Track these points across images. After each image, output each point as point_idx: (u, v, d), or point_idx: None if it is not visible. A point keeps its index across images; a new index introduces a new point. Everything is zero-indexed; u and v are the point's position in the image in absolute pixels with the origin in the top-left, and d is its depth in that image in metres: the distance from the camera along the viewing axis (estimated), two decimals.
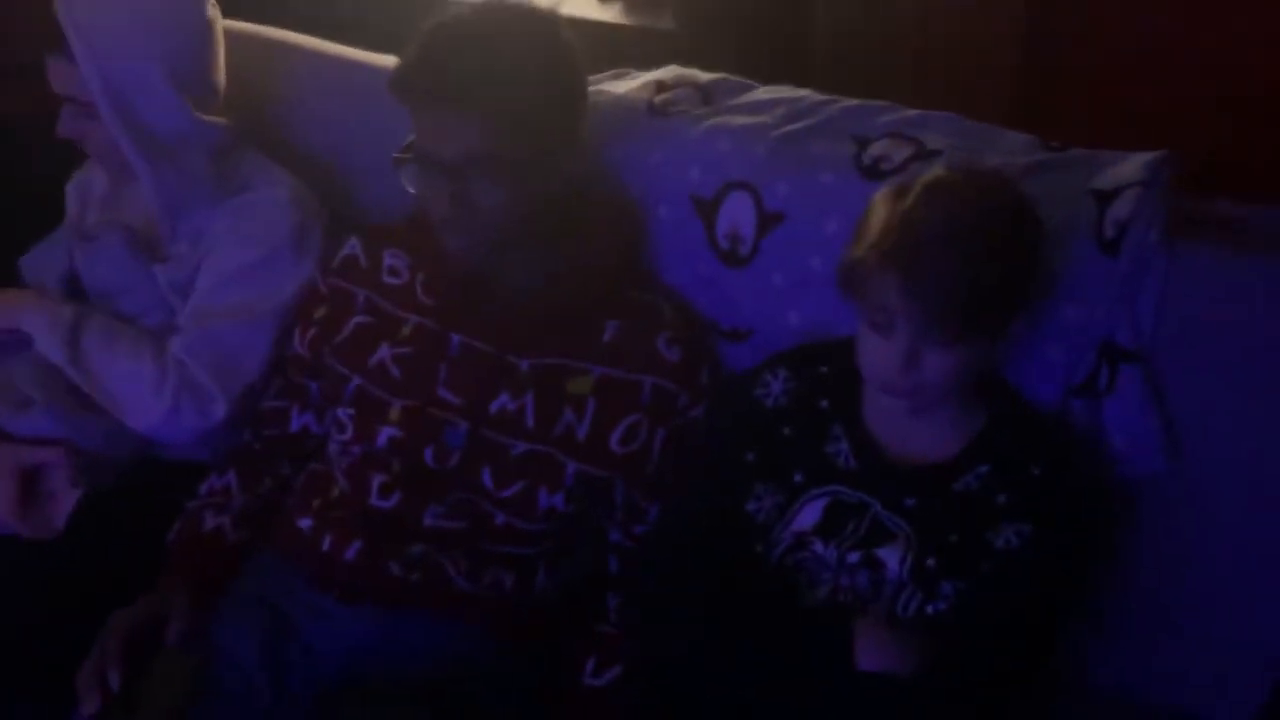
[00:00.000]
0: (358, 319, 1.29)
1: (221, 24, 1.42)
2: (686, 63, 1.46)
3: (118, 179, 1.45)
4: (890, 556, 1.11)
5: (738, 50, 1.92)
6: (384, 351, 1.25)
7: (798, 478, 1.17)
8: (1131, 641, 1.20)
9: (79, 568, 1.26)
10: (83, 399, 1.32)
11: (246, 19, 1.57)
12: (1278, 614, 1.11)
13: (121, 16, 1.32)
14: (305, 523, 1.23)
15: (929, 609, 1.09)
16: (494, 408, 1.21)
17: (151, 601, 1.18)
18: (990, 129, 1.31)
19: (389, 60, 1.54)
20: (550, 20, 1.19)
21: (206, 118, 1.36)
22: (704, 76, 1.42)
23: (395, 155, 1.16)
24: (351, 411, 1.25)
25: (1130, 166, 1.19)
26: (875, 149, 1.26)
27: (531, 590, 1.24)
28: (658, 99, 1.37)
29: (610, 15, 2.21)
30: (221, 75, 1.41)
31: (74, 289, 1.45)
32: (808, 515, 1.16)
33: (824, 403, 1.19)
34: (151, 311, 1.39)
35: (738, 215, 1.27)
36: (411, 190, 1.17)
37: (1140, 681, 1.20)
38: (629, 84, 1.42)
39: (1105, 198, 1.17)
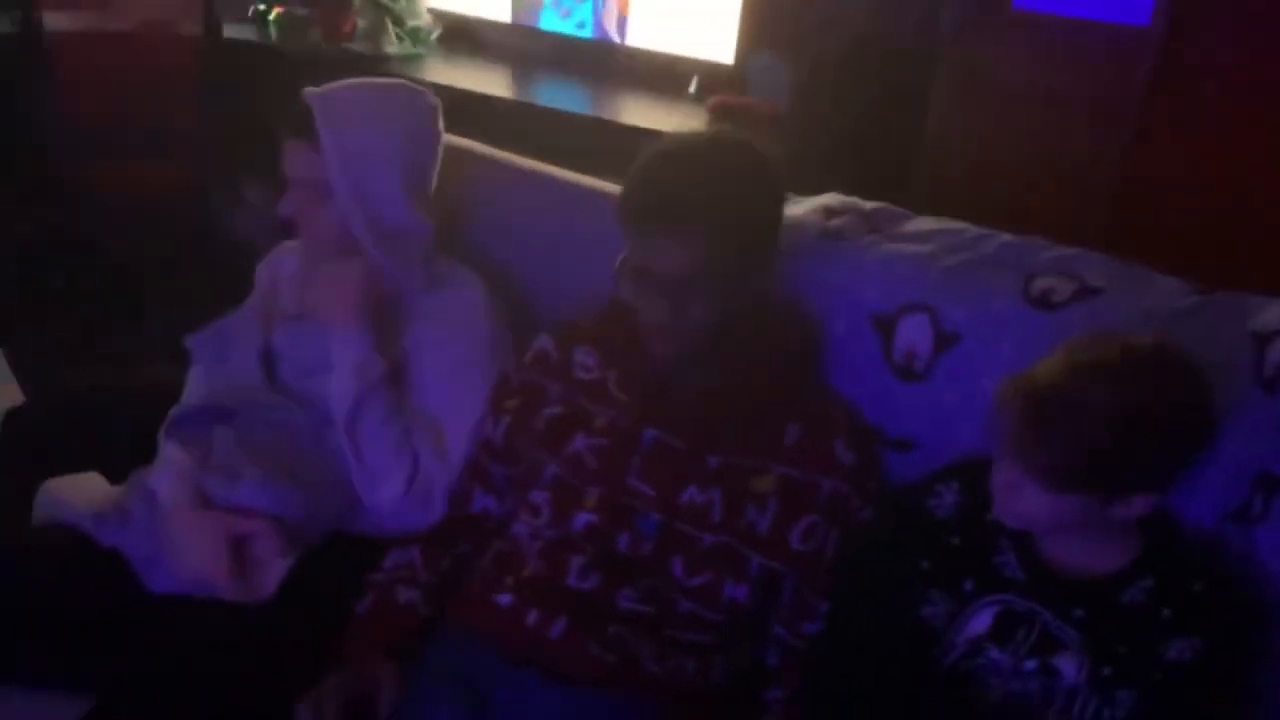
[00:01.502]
0: (551, 410, 1.38)
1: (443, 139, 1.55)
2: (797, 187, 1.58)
3: (315, 263, 1.56)
4: (1066, 665, 1.18)
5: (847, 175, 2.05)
6: (580, 441, 1.34)
7: (968, 586, 1.25)
8: None
9: (277, 633, 1.32)
10: (290, 473, 1.41)
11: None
12: None
13: (371, 119, 1.45)
14: (505, 599, 1.30)
15: (1105, 715, 1.16)
16: (684, 500, 1.30)
17: (357, 670, 1.25)
18: (1139, 270, 1.42)
19: (564, 173, 1.69)
20: (755, 149, 1.31)
21: (423, 217, 1.48)
22: (867, 205, 1.54)
23: (615, 268, 1.27)
24: (548, 495, 1.34)
25: None
26: (1041, 282, 1.36)
27: (709, 678, 1.30)
28: (830, 224, 1.49)
29: None
30: (434, 181, 1.53)
31: (264, 368, 1.53)
32: (979, 622, 1.23)
33: (990, 515, 1.27)
34: (344, 394, 1.47)
35: (915, 334, 1.37)
36: (630, 301, 1.28)
37: None
38: (796, 208, 1.54)
39: (1262, 339, 1.27)
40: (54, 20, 2.41)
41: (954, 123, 2.29)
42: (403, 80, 1.58)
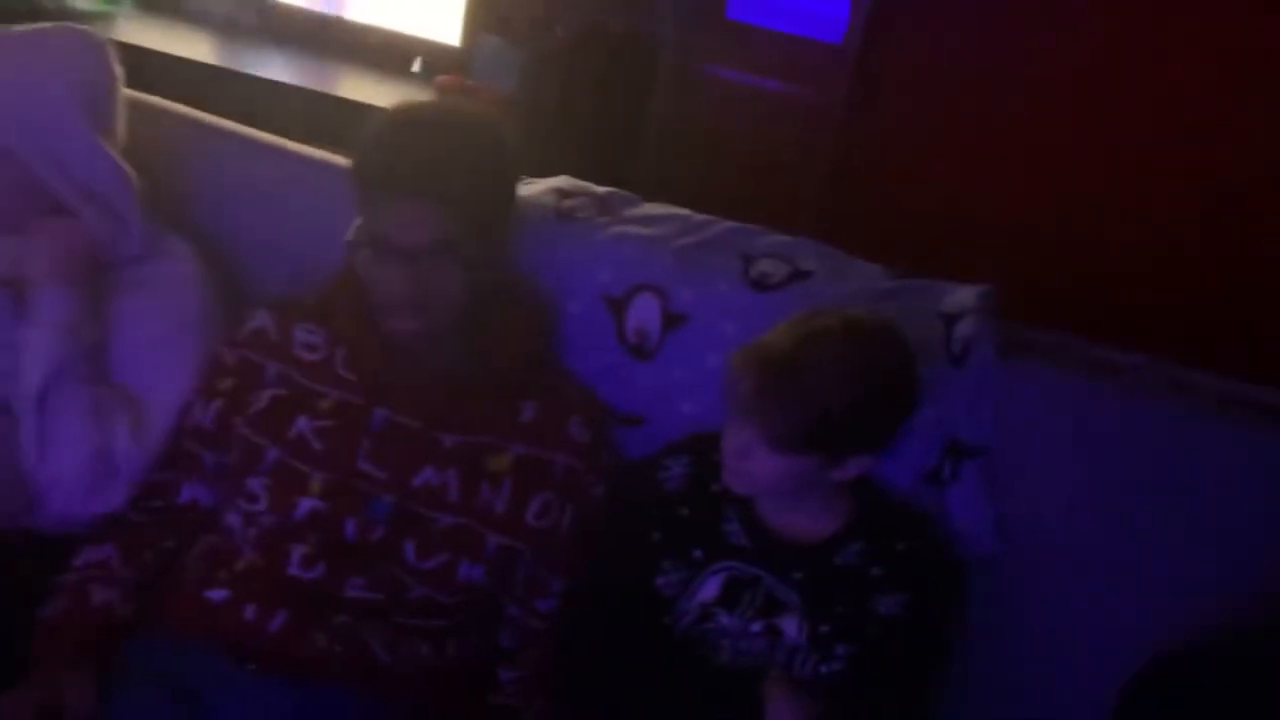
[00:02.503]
0: (270, 391, 1.30)
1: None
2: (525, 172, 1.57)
3: None
4: (789, 625, 1.25)
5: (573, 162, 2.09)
6: (303, 424, 1.27)
7: (697, 554, 1.29)
8: (968, 697, 1.38)
9: None
10: None
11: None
12: (1109, 671, 1.30)
13: (35, 63, 1.31)
14: (218, 594, 1.21)
15: (823, 669, 1.24)
16: (418, 482, 1.26)
17: (45, 682, 1.12)
18: (845, 256, 1.52)
19: (280, 140, 1.60)
20: (494, 120, 1.29)
21: (123, 164, 1.35)
22: (599, 189, 1.56)
23: (349, 239, 1.21)
24: (267, 482, 1.25)
25: (967, 294, 1.43)
26: (760, 266, 1.44)
27: (442, 661, 1.27)
28: (563, 204, 1.50)
29: None
30: (123, 131, 1.40)
31: None
32: (708, 589, 1.28)
33: (716, 486, 1.32)
34: (25, 371, 1.31)
35: (645, 314, 1.40)
36: (366, 274, 1.22)
37: None
38: (529, 188, 1.54)
39: (950, 319, 1.40)
40: None
41: (675, 117, 2.37)
42: (62, 22, 1.44)
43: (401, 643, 1.24)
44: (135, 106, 1.47)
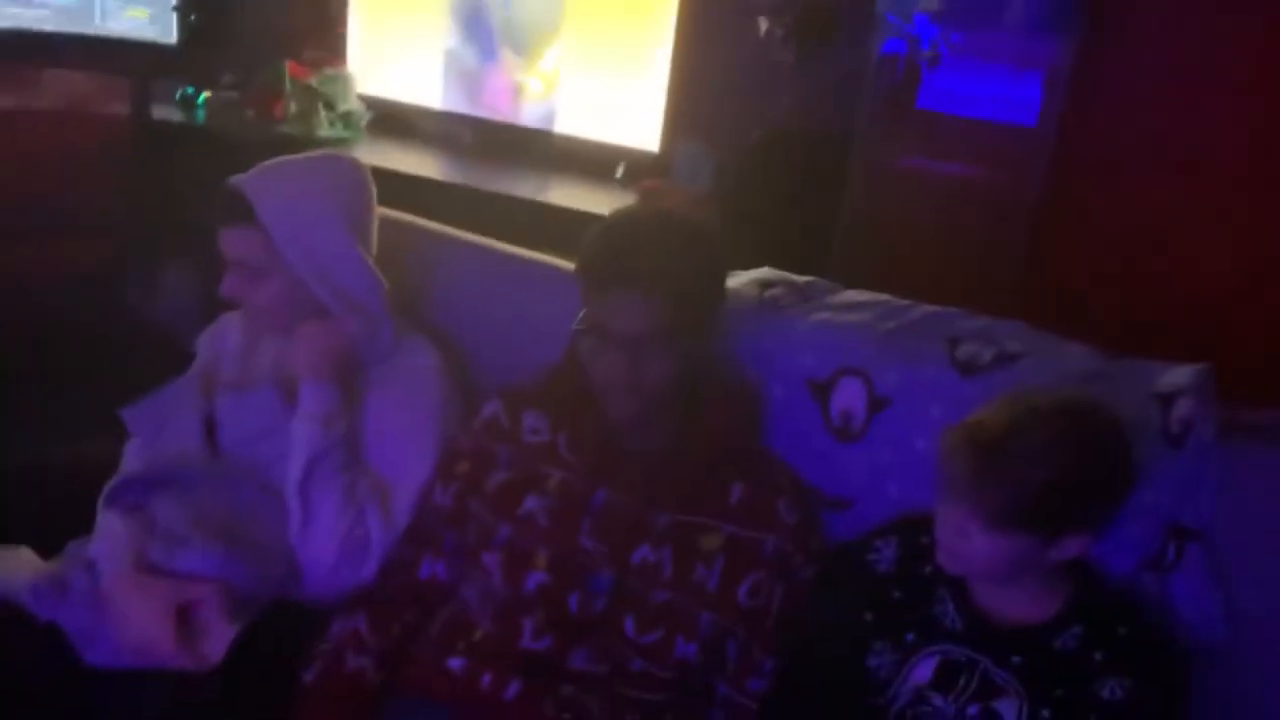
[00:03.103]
0: (501, 474, 1.41)
1: None
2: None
3: (257, 335, 1.57)
4: (1007, 709, 1.24)
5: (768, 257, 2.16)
6: (531, 503, 1.37)
7: (910, 637, 1.30)
8: None
9: (224, 705, 1.30)
10: (233, 539, 1.40)
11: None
12: None
13: (307, 186, 1.50)
14: (457, 663, 1.30)
15: None
16: (636, 558, 1.33)
17: None
18: (1053, 338, 1.52)
19: (507, 247, 1.75)
20: (703, 220, 1.41)
21: (376, 272, 1.52)
22: (799, 278, 1.63)
23: (575, 327, 1.32)
24: (499, 557, 1.35)
25: (1183, 373, 1.41)
26: (965, 349, 1.46)
27: None
28: (765, 294, 1.57)
29: None
30: (375, 243, 1.57)
31: (205, 435, 1.52)
32: (922, 671, 1.28)
33: (927, 569, 1.33)
34: (291, 458, 1.46)
35: (850, 398, 1.45)
36: (587, 360, 1.33)
37: None
38: (732, 280, 1.61)
39: (1165, 400, 1.37)
40: None
41: (867, 208, 2.42)
42: (325, 150, 1.63)
43: (621, 714, 1.29)
44: (380, 220, 1.65)
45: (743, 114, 2.51)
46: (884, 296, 1.59)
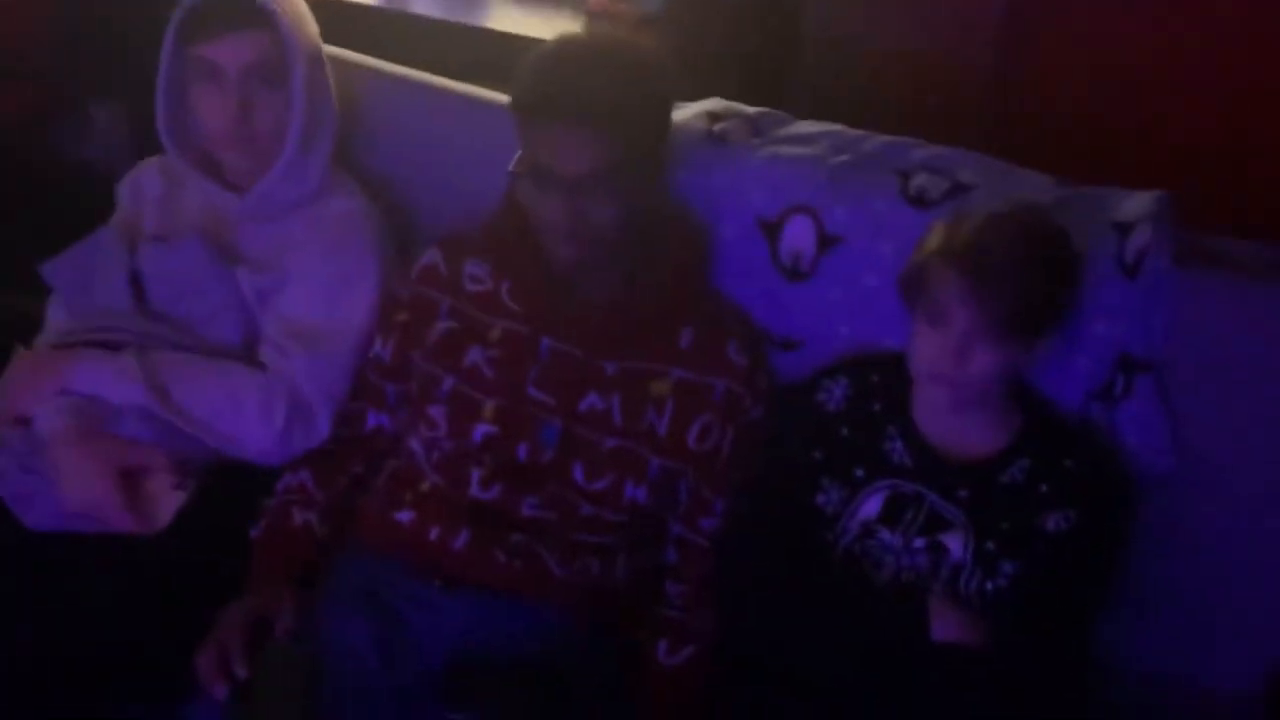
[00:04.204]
0: (444, 324, 1.37)
1: None
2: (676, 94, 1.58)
3: (180, 180, 1.49)
4: (953, 541, 1.25)
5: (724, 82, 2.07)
6: (475, 354, 1.34)
7: (858, 473, 1.30)
8: (1143, 620, 1.35)
9: (172, 565, 1.29)
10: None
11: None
12: (1272, 597, 1.28)
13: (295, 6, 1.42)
14: (405, 515, 1.30)
15: (988, 586, 1.24)
16: (584, 406, 1.31)
17: (258, 596, 1.24)
18: (1009, 167, 1.47)
19: (442, 80, 1.65)
20: (650, 50, 1.30)
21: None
22: (750, 109, 1.55)
23: (510, 170, 1.25)
24: (445, 409, 1.33)
25: (1141, 202, 1.37)
26: (917, 180, 1.41)
27: (613, 577, 1.33)
28: (714, 127, 1.50)
29: None
30: None
31: (133, 292, 1.45)
32: (870, 506, 1.29)
33: (876, 406, 1.33)
34: (221, 315, 1.42)
35: (799, 236, 1.40)
36: (529, 203, 1.26)
37: (1151, 655, 1.35)
38: (679, 113, 1.54)
39: (1124, 229, 1.34)
40: None
41: (827, 28, 2.31)
42: None
43: (574, 558, 1.30)
44: None
45: None
46: (837, 127, 1.52)
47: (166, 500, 1.30)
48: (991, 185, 1.40)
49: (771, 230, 1.42)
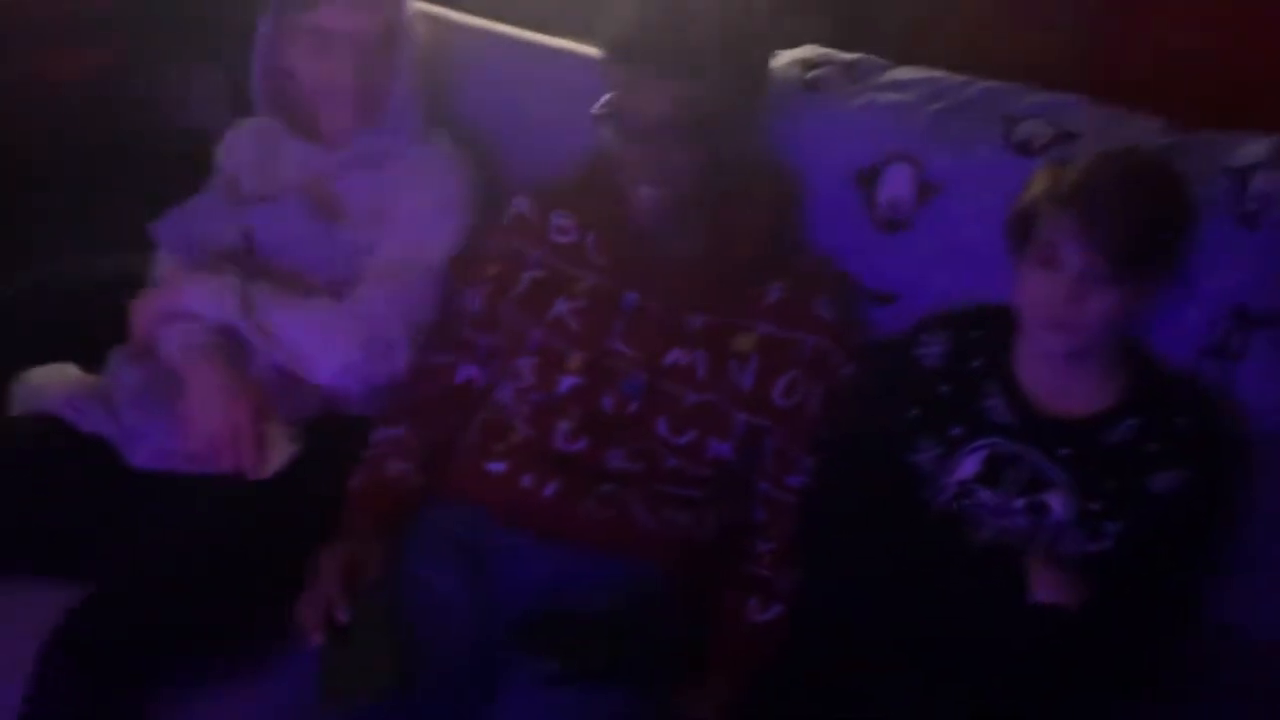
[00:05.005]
0: (531, 274, 1.37)
1: None
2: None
3: (275, 140, 1.51)
4: (1056, 501, 1.21)
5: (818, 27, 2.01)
6: (561, 305, 1.33)
7: (956, 431, 1.26)
8: (1245, 583, 1.29)
9: (271, 512, 1.32)
10: None
11: None
12: None
13: None
14: (496, 466, 1.30)
15: (1091, 547, 1.20)
16: (668, 361, 1.30)
17: (350, 544, 1.26)
18: (1116, 112, 1.41)
19: (529, 34, 1.64)
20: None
21: None
22: (846, 56, 1.51)
23: (595, 112, 1.24)
24: (533, 361, 1.33)
25: (1259, 147, 1.30)
26: (1022, 128, 1.35)
27: (701, 531, 1.32)
28: (808, 75, 1.46)
29: None
30: None
31: (239, 250, 1.49)
32: (968, 465, 1.25)
33: (976, 362, 1.28)
34: (323, 266, 1.45)
35: (898, 185, 1.36)
36: (613, 147, 1.25)
37: (1249, 620, 1.29)
38: (774, 61, 1.50)
39: (1241, 175, 1.27)
40: None
41: None
42: None
43: (662, 509, 1.29)
44: None
45: None
46: (937, 73, 1.47)
47: (279, 449, 1.33)
48: (1099, 131, 1.35)
49: (867, 179, 1.38)
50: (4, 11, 2.17)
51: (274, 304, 1.39)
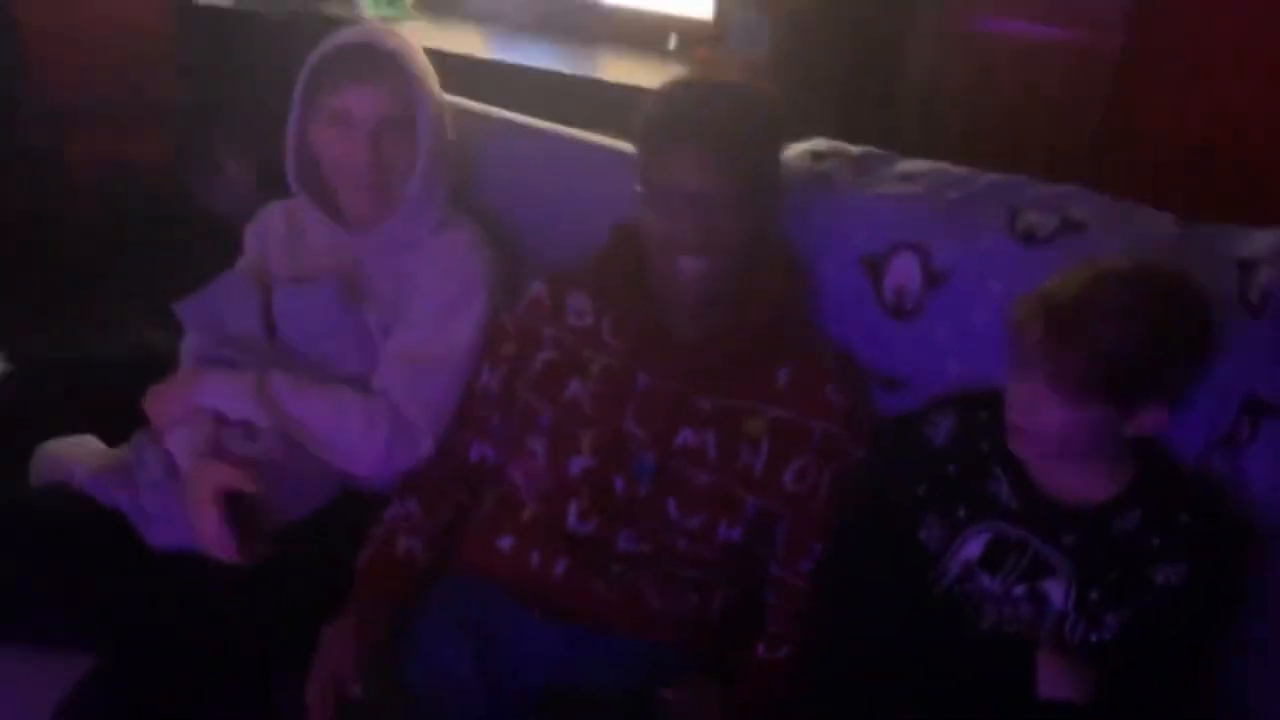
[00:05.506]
0: (545, 355, 1.39)
1: None
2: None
3: (303, 223, 1.56)
4: (1055, 590, 1.21)
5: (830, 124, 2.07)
6: (575, 387, 1.36)
7: (961, 512, 1.27)
8: (1259, 670, 1.27)
9: (274, 588, 1.33)
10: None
11: None
12: None
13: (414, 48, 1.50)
14: (506, 542, 1.32)
15: (1093, 638, 1.19)
16: (678, 441, 1.32)
17: (357, 619, 1.27)
18: (1124, 203, 1.43)
19: (555, 126, 1.69)
20: (767, 88, 1.35)
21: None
22: (854, 149, 1.55)
23: (637, 189, 1.31)
24: (546, 441, 1.35)
25: (1265, 239, 1.32)
26: (1026, 218, 1.38)
27: (710, 611, 1.32)
28: (818, 167, 1.50)
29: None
30: None
31: (264, 331, 1.51)
32: (972, 548, 1.26)
33: (984, 444, 1.29)
34: (350, 354, 1.47)
35: (905, 273, 1.39)
36: (656, 223, 1.30)
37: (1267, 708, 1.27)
38: (785, 152, 1.54)
39: (1249, 266, 1.29)
40: None
41: (934, 70, 2.30)
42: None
43: (672, 591, 1.30)
44: None
45: None
46: (942, 165, 1.51)
47: (261, 535, 1.34)
48: (1106, 223, 1.37)
49: (875, 267, 1.40)
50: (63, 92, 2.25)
51: (296, 396, 1.41)
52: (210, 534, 1.32)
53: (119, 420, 1.50)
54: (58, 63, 2.39)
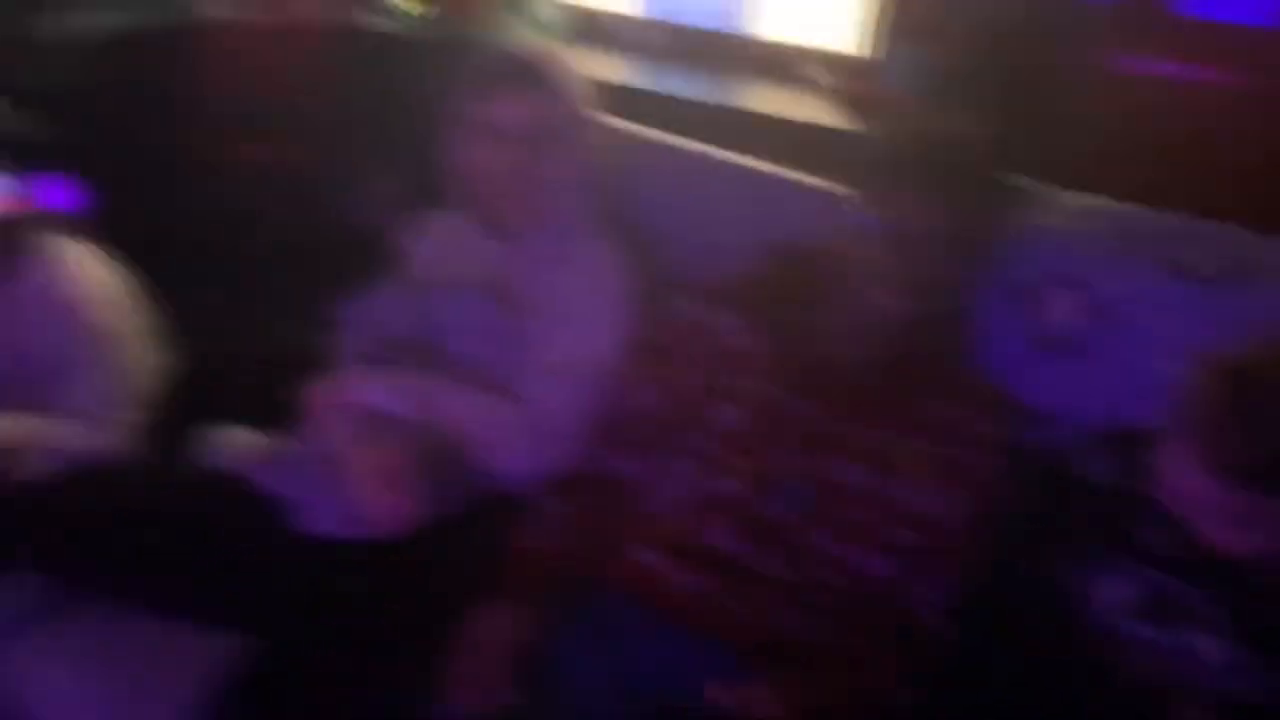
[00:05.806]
0: (693, 373, 1.40)
1: None
2: None
3: (455, 233, 1.61)
4: (1208, 643, 1.16)
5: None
6: (724, 408, 1.36)
7: (1113, 556, 1.23)
8: None
9: (420, 583, 1.36)
10: None
11: None
12: None
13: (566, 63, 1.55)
14: (648, 557, 1.33)
15: (1244, 696, 1.14)
16: (830, 471, 1.31)
17: (508, 609, 1.30)
18: None
19: (708, 148, 1.72)
20: (979, 133, 1.37)
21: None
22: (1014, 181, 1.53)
23: (855, 215, 1.33)
24: (692, 463, 1.35)
25: None
26: (1193, 256, 1.34)
27: (848, 644, 1.30)
28: None
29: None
30: None
31: (418, 335, 1.56)
32: (1121, 593, 1.22)
33: (1139, 487, 1.25)
34: (500, 360, 1.50)
35: (1064, 308, 1.37)
36: (870, 261, 1.30)
37: None
38: None
39: None
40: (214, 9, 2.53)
41: (1093, 105, 2.25)
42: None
43: (812, 621, 1.28)
44: None
45: (961, 12, 2.35)
46: (1101, 200, 1.49)
47: (416, 500, 1.37)
48: (1273, 267, 1.32)
49: (1032, 300, 1.38)
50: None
51: (450, 397, 1.46)
52: (374, 500, 1.36)
53: (279, 413, 1.57)
54: (236, 81, 2.52)
